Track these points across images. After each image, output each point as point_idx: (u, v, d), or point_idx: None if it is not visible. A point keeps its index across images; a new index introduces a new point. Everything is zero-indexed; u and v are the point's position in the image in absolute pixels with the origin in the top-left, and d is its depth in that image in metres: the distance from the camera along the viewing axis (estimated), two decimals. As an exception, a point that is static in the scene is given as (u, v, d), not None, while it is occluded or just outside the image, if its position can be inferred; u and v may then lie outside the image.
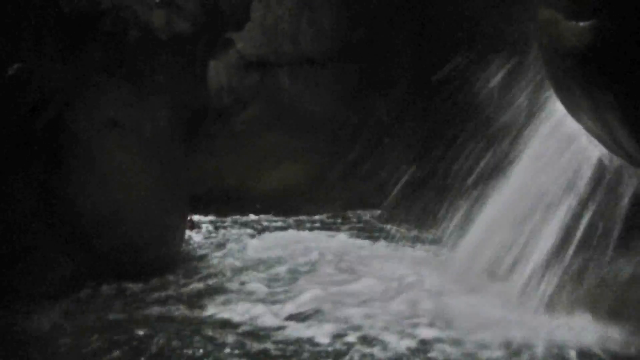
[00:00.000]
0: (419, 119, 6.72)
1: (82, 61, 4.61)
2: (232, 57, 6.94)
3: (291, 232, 6.36)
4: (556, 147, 3.48)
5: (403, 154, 6.71)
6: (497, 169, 4.24)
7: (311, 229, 6.50)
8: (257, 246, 5.73)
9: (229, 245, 5.77)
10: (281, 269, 4.98)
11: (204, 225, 6.57)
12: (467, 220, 4.37)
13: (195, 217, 6.58)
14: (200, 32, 5.18)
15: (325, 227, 6.58)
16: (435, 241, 5.33)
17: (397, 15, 6.70)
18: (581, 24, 2.40)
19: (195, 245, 5.85)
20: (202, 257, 5.41)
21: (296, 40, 7.04)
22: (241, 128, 7.16)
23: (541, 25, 2.68)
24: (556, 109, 3.24)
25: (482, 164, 4.54)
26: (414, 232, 5.91)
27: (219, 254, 5.50)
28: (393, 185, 6.24)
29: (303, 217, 6.91)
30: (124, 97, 4.80)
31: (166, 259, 5.06)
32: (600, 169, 3.17)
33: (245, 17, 5.74)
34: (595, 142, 2.96)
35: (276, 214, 6.93)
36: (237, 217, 6.88)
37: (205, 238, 6.12)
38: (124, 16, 4.68)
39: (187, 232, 5.87)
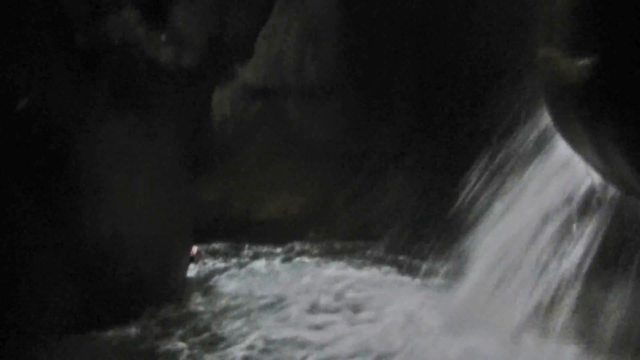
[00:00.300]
0: (422, 148, 6.76)
1: (90, 94, 4.68)
2: (236, 87, 7.04)
3: (292, 264, 6.33)
4: (560, 181, 3.50)
5: (407, 183, 6.74)
6: (501, 201, 4.26)
7: (312, 256, 6.51)
8: (260, 282, 5.71)
9: (231, 281, 5.73)
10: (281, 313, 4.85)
11: (210, 257, 6.58)
12: (470, 251, 4.36)
13: (195, 249, 6.59)
14: (206, 65, 5.27)
15: (327, 256, 6.58)
16: (437, 274, 5.31)
17: (399, 47, 6.80)
18: (580, 61, 2.45)
19: (195, 280, 5.84)
20: (204, 289, 5.41)
21: (300, 72, 7.14)
22: (245, 158, 7.22)
23: (541, 62, 2.74)
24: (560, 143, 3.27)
25: (485, 195, 4.56)
26: (416, 263, 5.89)
27: (217, 289, 5.47)
28: (396, 214, 6.25)
29: (306, 247, 6.90)
30: (131, 129, 4.85)
31: (168, 293, 5.06)
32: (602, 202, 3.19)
33: (250, 51, 5.83)
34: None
35: (280, 243, 6.94)
36: (242, 247, 6.89)
37: (208, 269, 6.12)
38: (132, 51, 4.76)
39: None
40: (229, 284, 5.64)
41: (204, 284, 5.64)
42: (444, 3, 5.87)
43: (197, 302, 5.10)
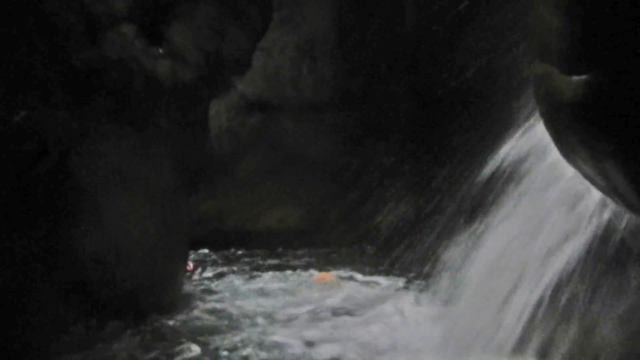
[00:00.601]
0: (418, 161, 6.81)
1: (87, 109, 4.70)
2: (233, 101, 7.08)
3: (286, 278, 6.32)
4: (557, 196, 3.52)
5: (403, 196, 6.77)
6: (496, 213, 4.27)
7: (306, 268, 6.51)
8: (254, 292, 5.71)
9: (226, 294, 5.71)
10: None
11: (207, 269, 6.58)
12: (465, 266, 4.36)
13: (192, 264, 6.59)
14: (203, 80, 5.30)
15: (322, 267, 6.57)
16: (431, 289, 5.31)
17: (394, 63, 6.86)
18: (576, 78, 2.47)
19: (192, 291, 5.83)
20: (201, 301, 5.39)
21: (297, 86, 7.20)
22: (242, 172, 7.24)
23: (537, 79, 2.77)
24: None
25: (481, 208, 4.58)
26: (411, 277, 5.91)
27: (213, 302, 5.45)
28: (392, 227, 6.26)
29: (303, 261, 6.91)
30: (129, 145, 4.86)
31: (165, 306, 5.05)
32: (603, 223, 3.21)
33: (247, 64, 5.88)
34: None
35: (277, 256, 6.95)
36: (239, 259, 6.89)
37: (205, 281, 6.11)
38: (129, 66, 4.78)
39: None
40: (227, 297, 5.63)
41: (201, 297, 5.63)
42: (438, 22, 5.95)
43: (195, 316, 5.09)
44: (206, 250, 7.03)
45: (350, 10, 7.06)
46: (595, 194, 3.31)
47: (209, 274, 6.44)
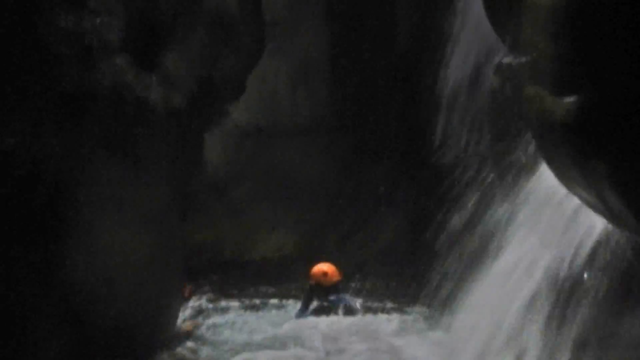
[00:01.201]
0: (412, 186, 6.80)
1: (80, 137, 4.68)
2: (228, 128, 7.09)
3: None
4: (551, 217, 3.50)
5: (398, 222, 6.75)
6: (491, 237, 4.25)
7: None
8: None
9: (225, 330, 5.66)
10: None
11: (203, 298, 6.49)
12: (460, 294, 4.32)
13: (187, 289, 6.52)
14: (196, 106, 5.31)
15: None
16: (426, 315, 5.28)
17: (387, 90, 6.92)
18: (566, 99, 2.48)
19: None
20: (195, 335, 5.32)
21: (291, 112, 7.24)
22: (237, 199, 7.22)
23: (528, 101, 2.77)
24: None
25: (475, 232, 4.56)
26: (405, 305, 5.86)
27: (208, 334, 5.39)
28: (387, 253, 6.23)
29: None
30: (123, 172, 4.84)
31: (157, 342, 4.98)
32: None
33: (240, 90, 5.90)
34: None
35: (273, 284, 6.87)
36: (236, 288, 6.82)
37: (200, 310, 6.04)
38: (122, 94, 4.79)
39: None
40: (221, 330, 5.55)
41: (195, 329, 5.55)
42: (431, 49, 6.02)
43: (187, 348, 5.02)
44: (203, 280, 6.95)
45: (343, 36, 7.15)
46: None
47: (204, 302, 6.36)
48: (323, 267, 6.10)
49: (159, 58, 4.96)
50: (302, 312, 6.05)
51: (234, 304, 6.35)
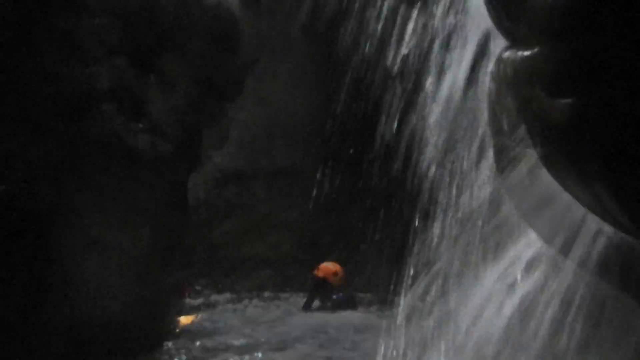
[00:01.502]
0: (393, 224, 6.96)
1: (68, 184, 4.74)
2: (210, 171, 7.19)
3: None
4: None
5: (380, 260, 6.87)
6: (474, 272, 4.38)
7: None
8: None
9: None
10: None
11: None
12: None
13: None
14: (181, 152, 5.45)
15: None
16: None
17: (365, 131, 7.23)
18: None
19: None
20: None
21: (270, 154, 7.41)
22: (218, 240, 7.23)
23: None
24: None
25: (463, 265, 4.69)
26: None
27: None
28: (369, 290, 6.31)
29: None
30: (107, 217, 4.88)
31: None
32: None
33: (224, 137, 6.10)
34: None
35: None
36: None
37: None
38: (110, 142, 4.88)
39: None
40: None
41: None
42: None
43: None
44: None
45: (319, 82, 7.44)
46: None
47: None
48: (332, 267, 6.43)
49: (146, 106, 5.11)
50: (308, 307, 6.29)
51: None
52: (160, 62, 5.42)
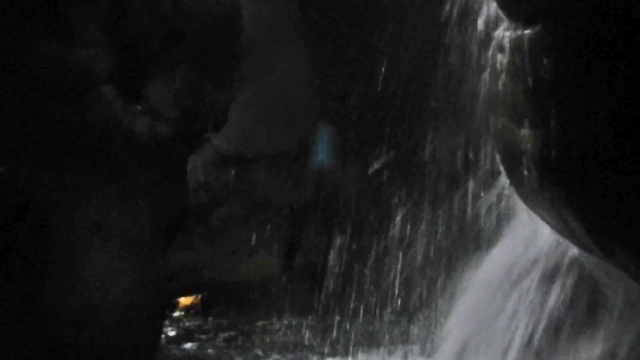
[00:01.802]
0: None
1: (67, 168, 4.79)
2: (209, 154, 7.23)
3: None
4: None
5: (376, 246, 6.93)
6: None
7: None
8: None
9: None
10: None
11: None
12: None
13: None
14: (180, 135, 5.46)
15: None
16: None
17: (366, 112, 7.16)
18: (530, 131, 2.74)
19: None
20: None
21: (271, 137, 7.40)
22: (217, 221, 7.32)
23: (497, 132, 3.03)
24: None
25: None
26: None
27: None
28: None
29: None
30: (107, 200, 4.95)
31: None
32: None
33: (223, 120, 6.06)
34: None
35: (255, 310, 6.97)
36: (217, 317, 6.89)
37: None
38: (108, 125, 4.91)
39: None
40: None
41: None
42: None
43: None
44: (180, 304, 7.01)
45: (325, 62, 7.35)
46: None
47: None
48: None
49: (145, 89, 5.11)
50: None
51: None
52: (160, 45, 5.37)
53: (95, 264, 4.83)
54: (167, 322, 6.08)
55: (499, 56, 2.88)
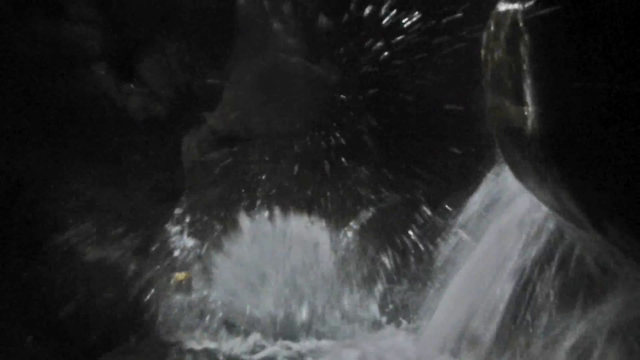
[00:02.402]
0: (393, 190, 6.99)
1: (60, 147, 4.76)
2: (204, 133, 7.18)
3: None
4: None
5: (376, 224, 6.93)
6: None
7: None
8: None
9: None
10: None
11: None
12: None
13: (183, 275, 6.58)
14: (175, 114, 5.43)
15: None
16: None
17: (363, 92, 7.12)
18: (526, 108, 2.72)
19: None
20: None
21: (266, 117, 7.36)
22: (213, 202, 7.30)
23: (491, 110, 3.01)
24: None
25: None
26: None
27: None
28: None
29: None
30: (102, 179, 4.94)
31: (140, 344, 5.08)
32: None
33: (217, 98, 6.03)
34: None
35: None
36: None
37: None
38: (101, 103, 4.88)
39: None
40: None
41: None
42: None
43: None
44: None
45: (319, 37, 7.27)
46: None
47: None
48: None
49: (137, 66, 5.06)
50: None
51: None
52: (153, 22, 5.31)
53: (90, 242, 4.84)
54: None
55: (495, 31, 2.85)
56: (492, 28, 2.97)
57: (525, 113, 2.69)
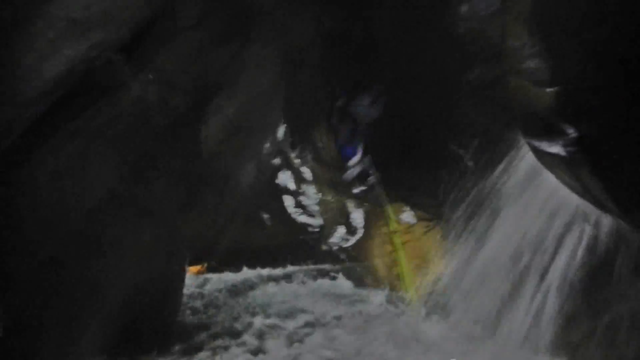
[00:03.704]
0: (402, 173, 6.96)
1: (79, 132, 4.78)
2: (221, 122, 7.19)
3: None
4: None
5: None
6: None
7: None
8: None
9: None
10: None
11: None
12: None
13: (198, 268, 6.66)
14: (192, 104, 5.43)
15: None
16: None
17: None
18: (546, 90, 2.67)
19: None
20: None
21: (279, 104, 7.36)
22: (232, 191, 7.33)
23: (513, 93, 2.95)
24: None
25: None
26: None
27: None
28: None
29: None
30: (120, 169, 4.96)
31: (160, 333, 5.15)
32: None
33: (232, 86, 6.02)
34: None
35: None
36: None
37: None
38: (118, 94, 4.88)
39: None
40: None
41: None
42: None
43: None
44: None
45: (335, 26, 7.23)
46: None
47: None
48: None
49: (154, 57, 5.06)
50: None
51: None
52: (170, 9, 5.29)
53: (110, 233, 4.87)
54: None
55: (519, 9, 2.79)
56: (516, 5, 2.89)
57: (546, 93, 2.64)
